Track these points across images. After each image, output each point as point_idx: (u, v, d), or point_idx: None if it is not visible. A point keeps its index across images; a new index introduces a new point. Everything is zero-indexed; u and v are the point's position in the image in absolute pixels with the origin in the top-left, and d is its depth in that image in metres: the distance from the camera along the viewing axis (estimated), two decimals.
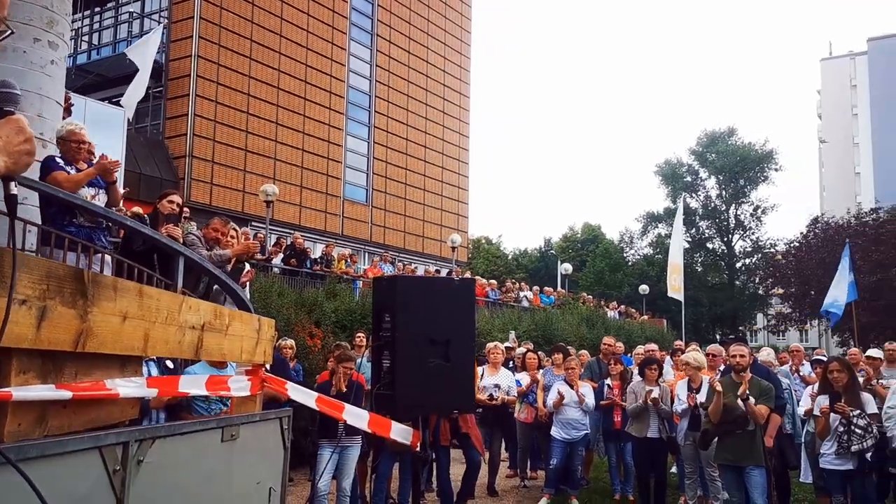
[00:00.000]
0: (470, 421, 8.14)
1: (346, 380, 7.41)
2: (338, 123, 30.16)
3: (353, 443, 7.49)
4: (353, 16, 31.34)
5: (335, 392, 7.15)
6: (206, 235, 6.68)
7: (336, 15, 30.26)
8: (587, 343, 20.41)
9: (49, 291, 1.63)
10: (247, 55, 26.48)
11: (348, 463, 7.54)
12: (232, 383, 2.75)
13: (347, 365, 7.51)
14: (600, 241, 58.05)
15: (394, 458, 7.89)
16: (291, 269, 18.05)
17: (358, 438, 7.49)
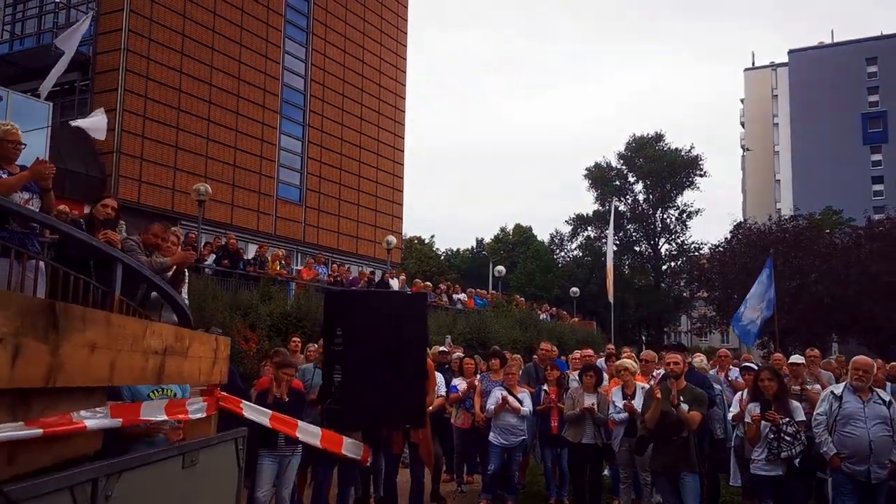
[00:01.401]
0: (423, 432, 8.06)
1: (286, 387, 7.31)
2: (272, 122, 29.73)
3: (294, 453, 7.39)
4: (288, 13, 30.94)
5: (272, 400, 7.04)
6: (145, 241, 6.49)
7: (271, 12, 29.82)
8: (520, 345, 20.66)
9: (23, 327, 1.58)
10: (178, 50, 25.85)
11: (288, 472, 7.43)
12: (189, 406, 2.70)
13: (288, 371, 7.40)
14: (531, 243, 58.82)
15: (333, 466, 7.83)
16: (224, 271, 17.69)
17: (298, 448, 7.39)
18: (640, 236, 54.91)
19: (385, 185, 35.64)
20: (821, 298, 32.78)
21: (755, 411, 6.84)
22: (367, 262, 33.04)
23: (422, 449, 8.23)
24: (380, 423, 4.56)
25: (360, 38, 34.46)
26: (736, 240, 40.01)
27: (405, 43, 37.81)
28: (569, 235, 57.28)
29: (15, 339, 1.54)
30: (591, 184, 55.08)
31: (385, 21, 36.21)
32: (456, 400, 9.89)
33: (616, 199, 50.21)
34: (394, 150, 36.40)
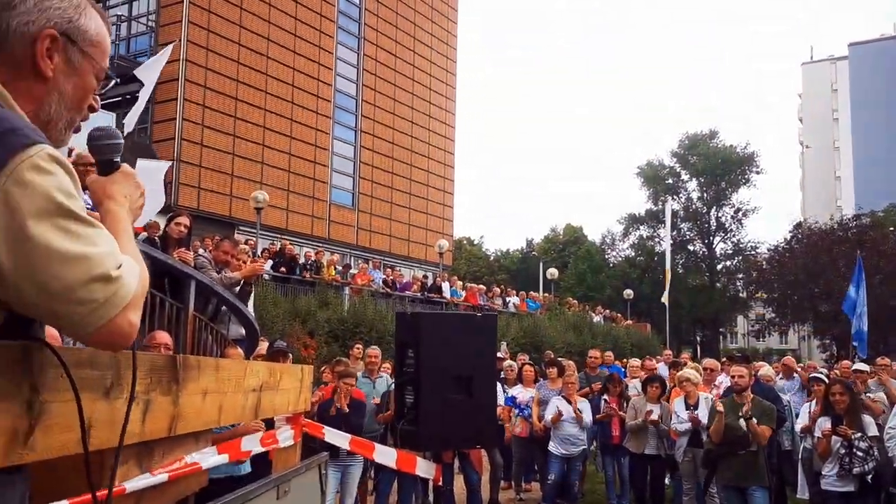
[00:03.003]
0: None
1: (347, 397, 7.42)
2: (324, 127, 30.12)
3: (356, 462, 7.51)
4: (340, 20, 31.30)
5: (335, 411, 7.16)
6: (216, 258, 6.69)
7: (323, 19, 30.21)
8: (574, 349, 20.58)
9: (152, 384, 1.67)
10: (234, 59, 26.38)
11: (350, 482, 7.56)
12: (279, 435, 2.80)
13: (349, 381, 7.51)
14: (582, 243, 58.34)
15: (394, 475, 7.94)
16: (282, 277, 18.02)
17: (360, 457, 7.51)
18: (693, 235, 54.07)
19: (436, 187, 35.80)
20: (885, 301, 31.86)
21: (826, 426, 6.71)
22: (418, 265, 33.23)
23: (472, 455, 8.29)
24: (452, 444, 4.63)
25: (410, 42, 34.67)
26: (795, 240, 39.12)
27: (455, 45, 37.91)
28: (621, 235, 56.70)
29: (146, 395, 1.63)
30: (643, 182, 54.45)
31: (435, 25, 36.36)
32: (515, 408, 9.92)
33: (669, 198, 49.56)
34: (444, 152, 36.53)
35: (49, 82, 1.30)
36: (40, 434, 1.24)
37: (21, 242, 1.07)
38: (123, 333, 1.17)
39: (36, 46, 1.27)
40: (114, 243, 1.19)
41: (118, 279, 1.14)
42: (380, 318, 16.05)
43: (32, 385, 1.21)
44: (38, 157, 1.11)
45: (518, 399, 10.00)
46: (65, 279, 1.09)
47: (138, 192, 1.45)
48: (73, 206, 1.12)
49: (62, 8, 1.31)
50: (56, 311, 1.12)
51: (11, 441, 1.16)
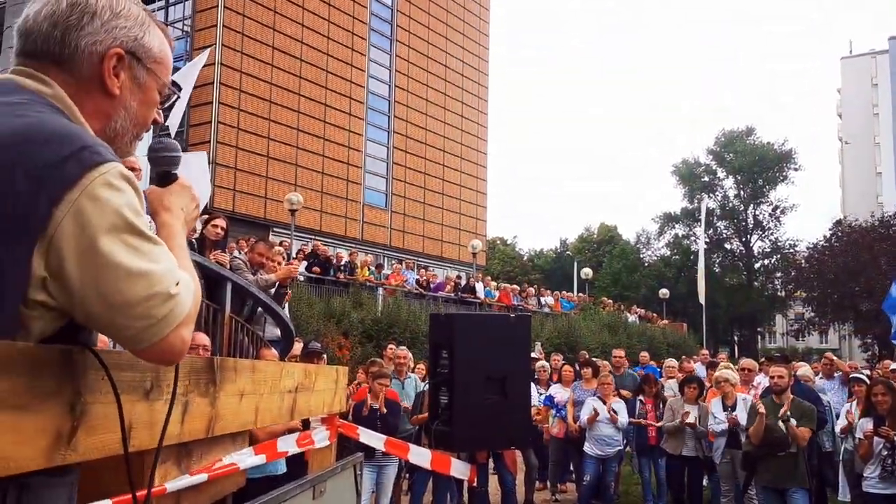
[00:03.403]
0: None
1: (383, 398, 7.45)
2: (357, 129, 30.28)
3: (391, 462, 7.55)
4: (372, 22, 31.44)
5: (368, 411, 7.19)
6: (251, 260, 6.77)
7: (356, 21, 30.38)
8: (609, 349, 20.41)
9: (190, 386, 1.69)
10: (269, 62, 26.64)
11: (386, 482, 7.59)
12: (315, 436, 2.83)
13: (383, 382, 7.55)
14: (617, 242, 57.95)
15: (428, 475, 7.95)
16: (316, 278, 18.17)
17: (395, 458, 7.55)
18: (730, 233, 53.37)
19: (469, 188, 35.79)
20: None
21: (868, 427, 6.58)
22: (451, 266, 33.26)
23: (506, 456, 8.27)
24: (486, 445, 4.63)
25: (442, 43, 34.71)
26: (835, 237, 38.39)
27: (487, 45, 37.86)
28: (656, 234, 56.18)
29: (184, 397, 1.66)
30: (678, 180, 53.88)
31: (467, 25, 36.35)
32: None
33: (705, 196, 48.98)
34: (477, 152, 36.51)
35: (116, 99, 1.35)
36: (83, 435, 1.26)
37: (90, 256, 1.12)
38: (176, 350, 1.20)
39: (103, 65, 1.32)
40: (173, 260, 1.22)
41: (176, 297, 1.17)
42: (413, 318, 16.10)
43: (75, 387, 1.23)
44: (110, 174, 1.16)
45: (556, 399, 9.97)
46: (127, 294, 1.13)
47: (193, 204, 1.47)
48: (139, 224, 1.17)
49: (128, 27, 1.35)
50: (116, 323, 1.16)
51: (55, 442, 1.19)
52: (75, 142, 1.17)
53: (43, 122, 1.20)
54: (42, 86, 1.30)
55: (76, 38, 1.31)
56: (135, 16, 1.37)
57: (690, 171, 53.33)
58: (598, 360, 12.19)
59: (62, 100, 1.29)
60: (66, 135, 1.19)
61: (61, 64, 1.32)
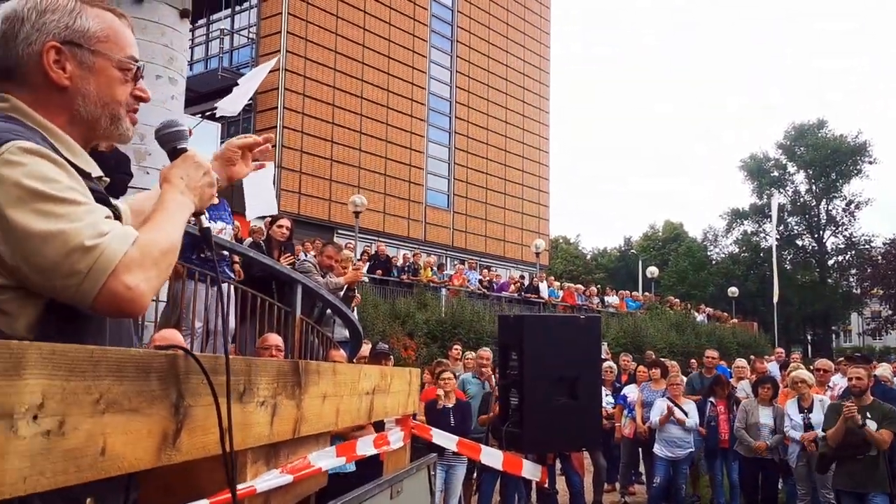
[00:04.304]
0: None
1: (452, 397, 7.47)
2: (419, 130, 30.47)
3: (460, 462, 7.58)
4: (433, 23, 31.60)
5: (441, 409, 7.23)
6: (320, 263, 6.90)
7: (417, 23, 30.57)
8: (677, 349, 20.07)
9: (278, 388, 1.75)
10: (331, 66, 27.03)
11: (455, 482, 7.62)
12: (391, 437, 2.88)
13: (448, 378, 7.57)
14: (683, 240, 56.87)
15: (497, 475, 7.96)
16: (380, 279, 18.36)
17: (464, 458, 7.58)
18: (802, 230, 51.76)
19: (531, 187, 35.63)
20: None
21: None
22: (514, 265, 33.17)
23: (573, 457, 8.21)
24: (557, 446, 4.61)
25: (503, 43, 34.64)
26: None
27: (548, 44, 37.62)
28: (723, 231, 54.88)
29: (273, 399, 1.71)
30: (746, 176, 52.55)
31: (528, 24, 36.19)
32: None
33: (776, 191, 47.65)
34: (539, 151, 36.32)
35: (69, 90, 1.39)
36: (185, 436, 1.32)
37: (8, 232, 1.17)
38: (123, 297, 1.20)
39: (42, 62, 1.37)
40: (97, 216, 1.24)
41: (96, 247, 1.19)
42: (477, 318, 16.12)
43: (178, 391, 1.29)
44: (8, 153, 1.20)
45: (629, 399, 9.88)
46: (48, 256, 1.17)
47: (199, 171, 1.49)
48: (47, 189, 1.20)
49: (55, 19, 1.39)
50: (56, 287, 1.19)
51: (162, 443, 1.25)
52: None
53: None
54: (0, 103, 1.37)
55: (14, 48, 1.37)
56: (62, 6, 1.40)
57: (759, 166, 51.94)
58: (667, 360, 12.00)
59: (17, 109, 1.36)
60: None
61: (13, 77, 1.39)
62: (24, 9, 1.38)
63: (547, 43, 37.53)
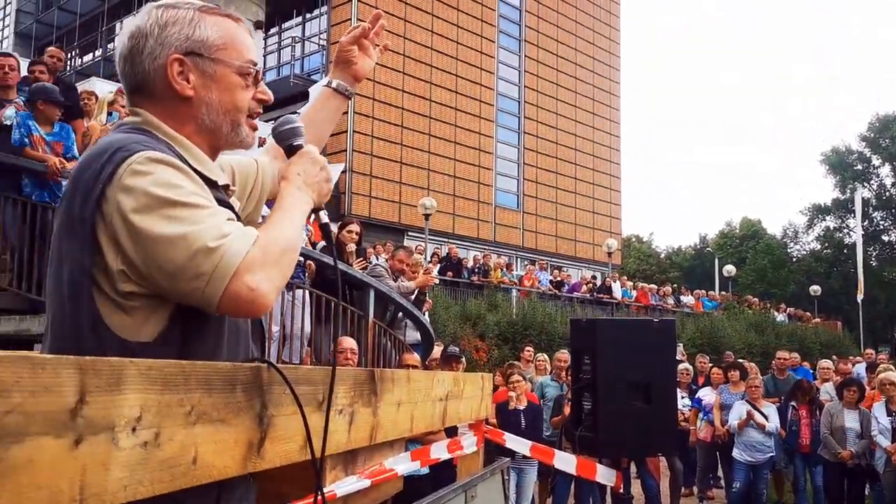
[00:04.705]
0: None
1: (523, 399, 7.46)
2: (488, 131, 30.48)
3: (530, 465, 7.55)
4: (501, 23, 31.58)
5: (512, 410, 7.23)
6: (392, 267, 6.99)
7: (484, 24, 30.61)
8: (756, 350, 19.51)
9: (355, 397, 1.80)
10: (400, 70, 27.31)
11: (526, 485, 7.61)
12: (464, 441, 2.91)
13: (518, 380, 7.55)
14: (761, 237, 55.23)
15: (571, 478, 7.91)
16: (451, 281, 18.45)
17: (535, 461, 7.55)
18: (888, 224, 49.61)
19: (602, 185, 35.21)
20: None
21: None
22: (586, 265, 32.84)
23: (649, 461, 8.09)
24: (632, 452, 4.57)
25: (572, 41, 34.34)
26: None
27: (618, 41, 37.11)
28: (804, 227, 53.04)
29: (350, 408, 1.76)
30: (828, 170, 50.66)
31: (597, 21, 35.78)
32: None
33: (859, 185, 45.81)
34: (610, 149, 35.87)
35: (193, 100, 1.44)
36: (269, 444, 1.38)
37: (137, 239, 1.22)
38: (246, 298, 1.21)
39: (167, 75, 1.41)
40: (220, 218, 1.27)
41: (219, 248, 1.21)
42: (549, 320, 16.02)
43: (262, 401, 1.35)
44: (136, 163, 1.25)
45: (704, 402, 9.68)
46: (175, 260, 1.21)
47: (315, 166, 1.49)
48: (172, 195, 1.24)
49: (176, 31, 1.43)
50: (183, 290, 1.23)
51: (248, 451, 1.31)
52: (110, 148, 1.29)
53: (98, 144, 1.35)
54: (133, 117, 1.45)
55: (140, 64, 1.43)
56: (182, 18, 1.44)
57: (841, 159, 50.00)
58: (746, 361, 11.69)
59: (149, 122, 1.43)
60: (108, 145, 1.32)
61: (142, 92, 1.45)
62: (147, 24, 1.44)
63: (616, 39, 37.03)
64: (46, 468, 0.88)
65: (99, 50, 34.55)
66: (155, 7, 1.46)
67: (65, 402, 0.91)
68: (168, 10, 1.45)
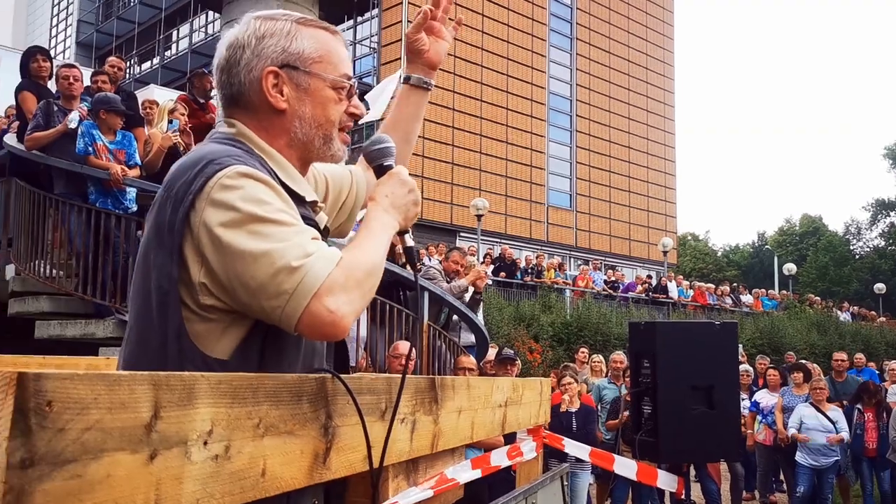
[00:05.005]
0: None
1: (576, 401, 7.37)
2: (539, 130, 30.32)
3: (583, 469, 7.45)
4: (552, 22, 31.39)
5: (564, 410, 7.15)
6: (446, 268, 6.99)
7: (535, 23, 30.46)
8: (818, 350, 18.97)
9: (416, 405, 1.79)
10: (451, 71, 27.36)
11: (579, 490, 7.52)
12: (523, 447, 2.90)
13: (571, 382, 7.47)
14: (822, 234, 53.75)
15: (629, 483, 7.80)
16: (504, 282, 18.38)
17: (587, 465, 7.45)
18: None
19: (656, 183, 34.71)
20: None
21: None
22: (641, 265, 32.41)
23: (709, 465, 7.91)
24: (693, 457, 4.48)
25: (624, 38, 33.94)
26: None
27: (672, 36, 36.55)
28: (867, 223, 51.47)
29: (412, 416, 1.76)
30: (892, 164, 49.06)
31: (650, 17, 35.29)
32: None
33: None
34: (664, 146, 35.33)
35: (287, 113, 1.43)
36: (334, 455, 1.38)
37: (222, 252, 1.22)
38: (325, 321, 1.19)
39: (262, 87, 1.41)
40: (305, 237, 1.25)
41: (301, 268, 1.19)
42: (604, 321, 15.81)
43: (327, 412, 1.35)
44: (226, 177, 1.25)
45: (762, 405, 9.45)
46: (257, 276, 1.20)
47: (404, 188, 1.46)
48: (259, 211, 1.23)
49: (273, 42, 1.42)
50: (264, 308, 1.22)
51: (313, 462, 1.31)
52: (203, 159, 1.29)
53: (192, 154, 1.36)
54: (228, 128, 1.45)
55: (237, 75, 1.43)
56: (279, 30, 1.43)
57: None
58: (809, 363, 11.37)
59: (243, 134, 1.43)
60: (202, 156, 1.31)
61: (238, 102, 1.45)
62: (245, 35, 1.44)
63: (670, 35, 36.48)
64: (123, 483, 0.90)
65: (157, 58, 35.44)
66: (254, 18, 1.46)
67: (140, 418, 0.92)
68: (266, 21, 1.45)
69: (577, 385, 7.53)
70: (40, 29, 42.86)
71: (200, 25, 33.66)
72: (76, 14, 39.87)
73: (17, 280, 6.50)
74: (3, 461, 0.76)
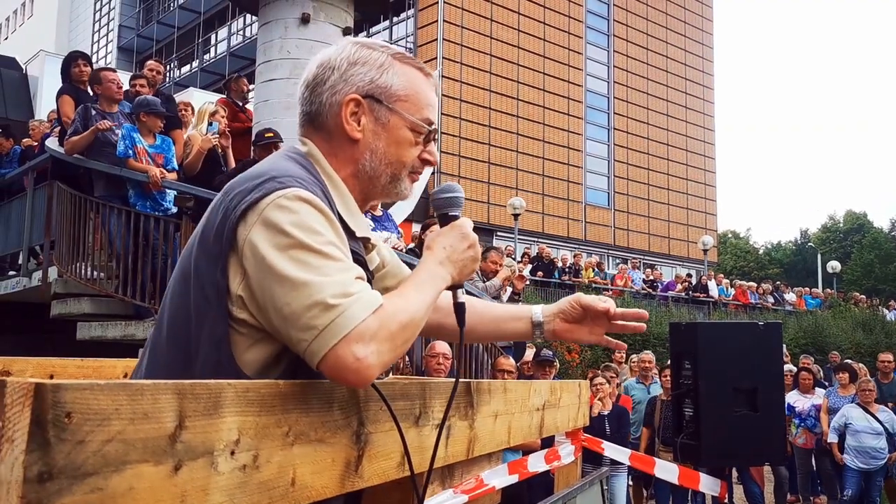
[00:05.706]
0: None
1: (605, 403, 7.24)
2: (577, 128, 30.10)
3: (619, 472, 7.33)
4: (589, 20, 31.15)
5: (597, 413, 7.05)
6: (483, 268, 6.92)
7: (572, 21, 30.25)
8: (864, 350, 18.52)
9: (451, 410, 1.75)
10: (487, 70, 27.30)
11: (617, 492, 7.41)
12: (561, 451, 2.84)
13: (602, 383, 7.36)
14: (867, 231, 52.58)
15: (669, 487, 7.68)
16: (541, 281, 18.28)
17: (624, 467, 7.33)
18: None
19: (696, 181, 34.23)
20: None
21: None
22: (680, 263, 32.00)
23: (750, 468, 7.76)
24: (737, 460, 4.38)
25: (662, 34, 33.53)
26: None
27: (711, 31, 36.02)
28: None
29: (448, 422, 1.72)
30: None
31: (689, 12, 34.81)
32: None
33: None
34: (704, 143, 34.84)
35: (359, 143, 1.40)
36: (366, 463, 1.35)
37: (263, 272, 1.19)
38: (349, 367, 1.14)
39: (341, 112, 1.38)
40: (348, 275, 1.20)
41: (337, 307, 1.15)
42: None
43: (359, 419, 1.32)
44: (285, 198, 1.22)
45: (797, 408, 9.22)
46: (292, 304, 1.16)
47: (464, 243, 1.41)
48: (309, 240, 1.19)
49: (363, 71, 1.39)
50: (292, 337, 1.18)
51: (345, 470, 1.28)
52: (267, 174, 1.27)
53: (259, 165, 1.33)
54: (301, 146, 1.43)
55: (319, 95, 1.39)
56: (373, 60, 1.40)
57: None
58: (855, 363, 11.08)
59: (313, 155, 1.40)
60: (267, 170, 1.29)
61: (315, 122, 1.42)
62: (338, 58, 1.41)
63: (709, 30, 35.96)
64: (146, 496, 0.87)
65: (196, 61, 35.96)
66: (352, 43, 1.44)
67: (164, 429, 0.90)
68: (362, 49, 1.42)
69: (608, 387, 7.43)
70: (82, 35, 43.75)
71: (238, 29, 34.06)
72: (117, 19, 40.65)
73: (59, 282, 6.61)
74: (21, 475, 0.73)
